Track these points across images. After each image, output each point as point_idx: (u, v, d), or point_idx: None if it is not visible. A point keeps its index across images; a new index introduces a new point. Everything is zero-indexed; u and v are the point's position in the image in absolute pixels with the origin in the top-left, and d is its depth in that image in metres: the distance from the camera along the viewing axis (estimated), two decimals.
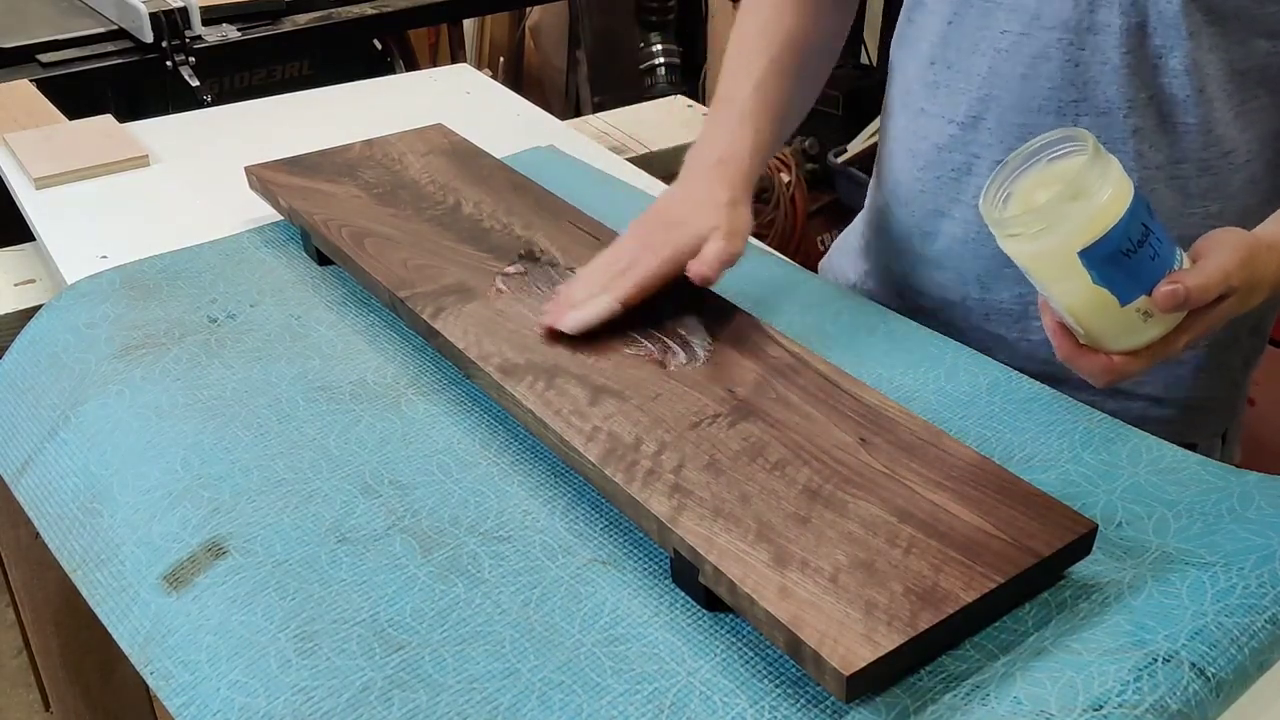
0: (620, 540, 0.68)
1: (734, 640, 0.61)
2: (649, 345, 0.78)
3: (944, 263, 0.89)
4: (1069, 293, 0.62)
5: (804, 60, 0.89)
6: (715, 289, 0.85)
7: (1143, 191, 0.63)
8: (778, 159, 2.47)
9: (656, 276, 0.80)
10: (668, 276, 0.80)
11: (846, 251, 1.02)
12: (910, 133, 0.88)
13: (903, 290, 0.93)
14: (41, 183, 1.10)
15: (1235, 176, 0.76)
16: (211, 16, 1.77)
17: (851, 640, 0.55)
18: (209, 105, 1.64)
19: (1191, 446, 0.82)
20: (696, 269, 0.79)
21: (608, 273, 0.81)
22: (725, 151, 0.85)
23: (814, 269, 1.01)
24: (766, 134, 0.87)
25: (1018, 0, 0.78)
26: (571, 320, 0.78)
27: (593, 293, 0.79)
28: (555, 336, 0.78)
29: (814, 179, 2.54)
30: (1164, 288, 0.62)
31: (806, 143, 2.60)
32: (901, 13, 0.89)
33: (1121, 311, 0.62)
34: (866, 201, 1.00)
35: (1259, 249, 0.66)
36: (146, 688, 0.67)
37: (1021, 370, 0.84)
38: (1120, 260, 0.60)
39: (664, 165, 1.34)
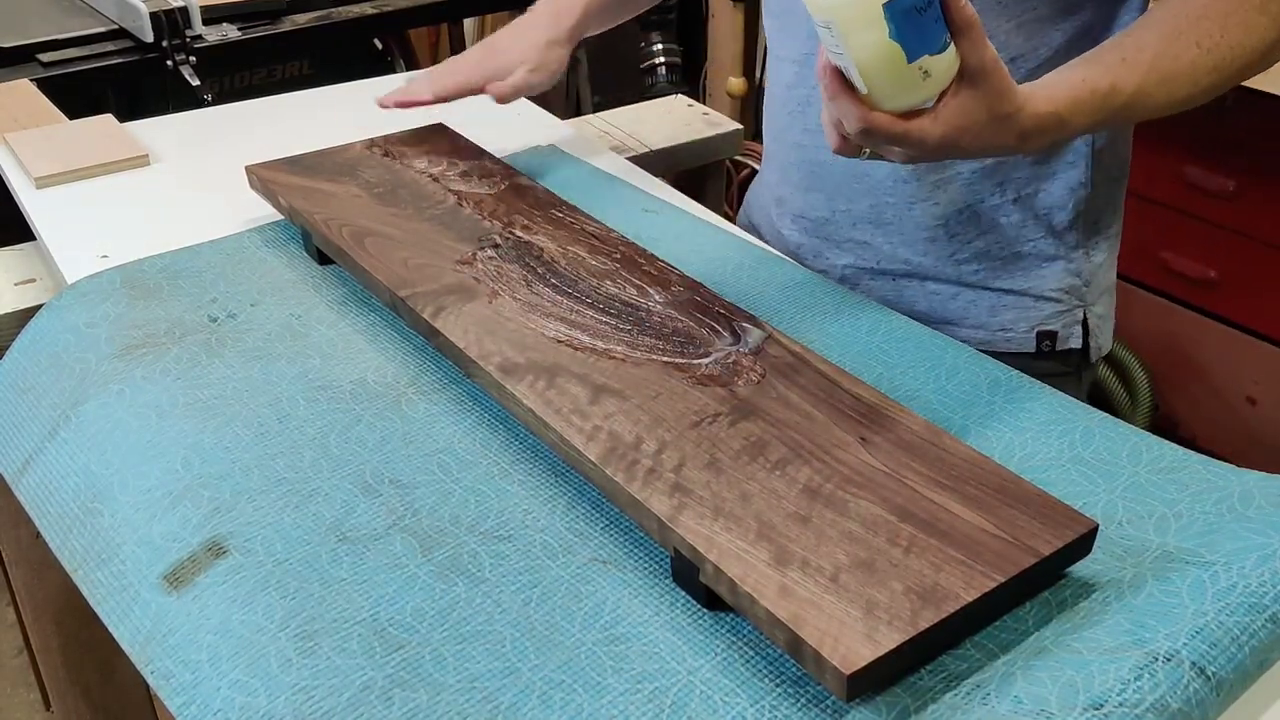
0: (621, 539, 0.68)
1: (734, 639, 0.61)
2: (664, 344, 0.78)
3: (812, 185, 1.00)
4: (864, 46, 0.65)
5: None
6: (717, 288, 0.85)
7: None
8: None
9: (470, 85, 1.05)
10: (478, 88, 1.04)
11: (753, 194, 1.14)
12: (771, 80, 1.02)
13: (792, 216, 1.03)
14: (42, 182, 1.10)
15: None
16: (212, 16, 1.77)
17: (852, 639, 0.55)
18: (209, 105, 1.64)
19: (1053, 335, 0.97)
20: (493, 89, 1.03)
21: (439, 74, 1.05)
22: (561, 5, 1.06)
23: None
24: (596, 5, 1.07)
25: None
26: (394, 100, 1.05)
27: (421, 86, 1.05)
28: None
29: None
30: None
31: None
32: None
33: (906, 68, 0.66)
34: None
35: (1023, 90, 0.70)
36: (147, 687, 0.68)
37: (886, 271, 0.98)
38: (914, 16, 0.64)
39: (665, 164, 1.34)
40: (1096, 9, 0.86)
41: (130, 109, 1.63)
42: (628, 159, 1.24)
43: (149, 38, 1.68)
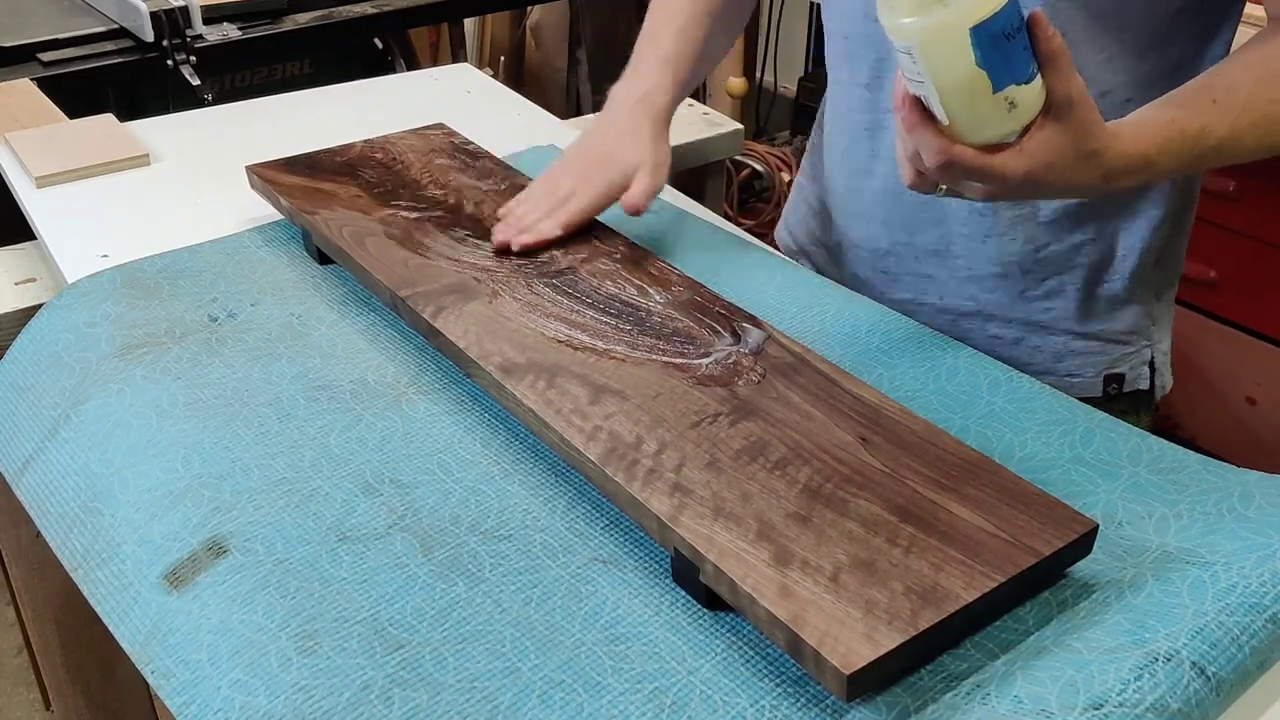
0: (621, 539, 0.68)
1: (734, 639, 0.61)
2: (665, 345, 0.78)
3: (873, 214, 0.95)
4: (948, 73, 0.63)
5: (723, 6, 0.99)
6: (717, 288, 0.85)
7: None
8: (778, 158, 2.47)
9: (594, 207, 0.93)
10: (604, 207, 0.93)
11: (795, 218, 1.09)
12: (837, 102, 0.97)
13: (843, 243, 0.99)
14: (42, 181, 1.10)
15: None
16: (212, 15, 1.77)
17: (852, 639, 0.55)
18: (210, 104, 1.64)
19: (1120, 377, 0.94)
20: (629, 202, 0.92)
21: (550, 200, 0.93)
22: (647, 89, 0.96)
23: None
24: (684, 74, 0.98)
25: None
26: (521, 241, 0.90)
27: (539, 218, 0.92)
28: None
29: None
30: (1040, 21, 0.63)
31: (808, 142, 2.59)
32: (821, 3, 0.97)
33: (992, 98, 0.63)
34: (807, 173, 1.08)
35: (1109, 128, 0.68)
36: (147, 686, 0.68)
37: (946, 310, 0.94)
38: (1002, 43, 0.62)
39: None
40: (1186, 43, 0.84)
41: (130, 108, 1.63)
42: None
43: (149, 37, 1.69)
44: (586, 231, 0.93)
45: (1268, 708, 0.60)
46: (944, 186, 0.70)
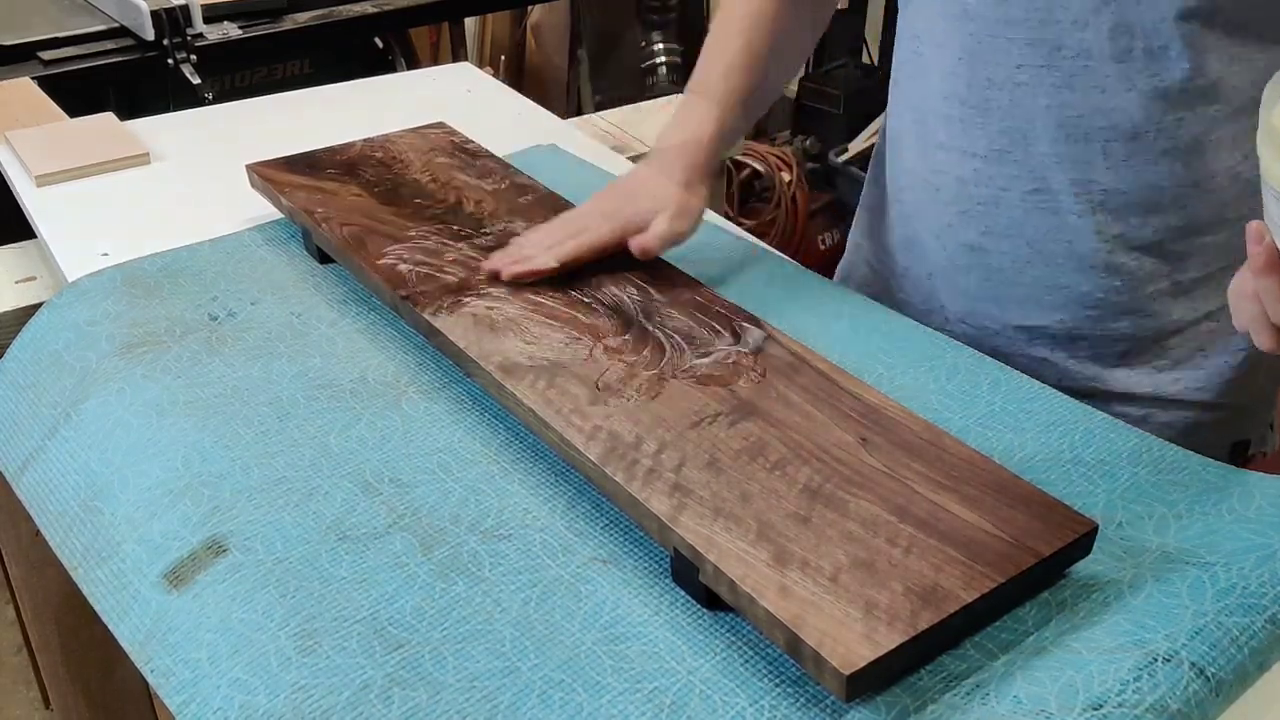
0: (621, 539, 0.68)
1: (734, 639, 0.61)
2: (664, 344, 0.78)
3: (982, 292, 0.88)
4: None
5: (777, 46, 0.92)
6: (716, 288, 0.85)
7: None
8: (778, 158, 2.47)
9: (601, 244, 0.86)
10: (612, 245, 0.87)
11: (856, 279, 1.01)
12: (928, 168, 0.88)
13: (949, 316, 0.93)
14: (42, 180, 1.10)
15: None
16: (213, 14, 1.77)
17: (852, 640, 0.55)
18: (210, 103, 1.64)
19: (1244, 444, 0.87)
20: (638, 242, 0.86)
21: (560, 234, 0.87)
22: (689, 135, 0.90)
23: (814, 267, 1.01)
24: (731, 119, 0.91)
25: (1037, 35, 0.77)
26: (512, 271, 0.84)
27: (540, 250, 0.86)
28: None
29: (815, 178, 2.54)
30: None
31: (808, 142, 2.60)
32: (897, 46, 0.89)
33: None
34: (864, 231, 0.99)
35: None
36: (147, 685, 0.68)
37: (1064, 388, 0.83)
38: None
39: None
40: None
41: (131, 107, 1.63)
42: (628, 159, 1.24)
43: (150, 36, 1.69)
44: None
45: (1268, 708, 0.60)
46: None
